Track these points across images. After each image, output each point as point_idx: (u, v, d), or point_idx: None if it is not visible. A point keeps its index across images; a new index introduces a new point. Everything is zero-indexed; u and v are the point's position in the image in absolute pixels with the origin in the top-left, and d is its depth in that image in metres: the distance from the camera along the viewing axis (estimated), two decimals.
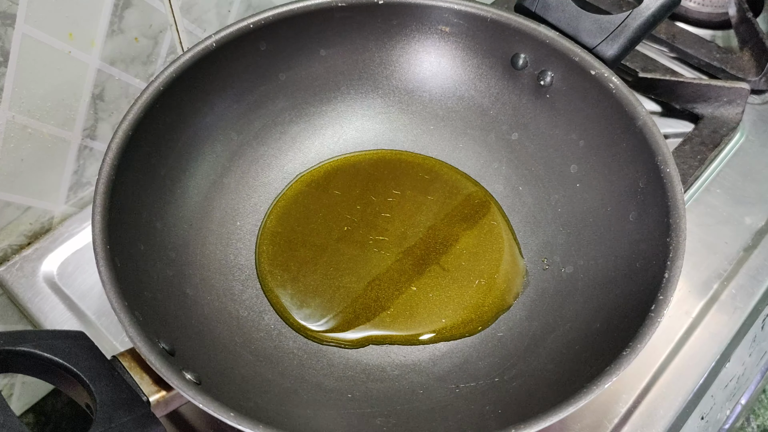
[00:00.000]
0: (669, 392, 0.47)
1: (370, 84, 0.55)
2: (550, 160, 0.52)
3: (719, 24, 0.69)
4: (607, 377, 0.35)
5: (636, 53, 0.64)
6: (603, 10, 0.67)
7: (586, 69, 0.47)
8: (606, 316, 0.42)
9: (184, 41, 0.56)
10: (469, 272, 0.50)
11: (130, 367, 0.35)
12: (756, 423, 0.79)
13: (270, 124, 0.54)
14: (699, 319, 0.50)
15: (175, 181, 0.48)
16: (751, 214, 0.55)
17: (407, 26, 0.53)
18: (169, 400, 0.35)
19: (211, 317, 0.45)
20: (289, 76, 0.53)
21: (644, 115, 0.45)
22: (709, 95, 0.60)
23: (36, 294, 0.51)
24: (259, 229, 0.51)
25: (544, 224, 0.51)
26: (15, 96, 0.47)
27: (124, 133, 0.42)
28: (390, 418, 0.42)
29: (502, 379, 0.43)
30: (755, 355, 0.59)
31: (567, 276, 0.48)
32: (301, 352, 0.46)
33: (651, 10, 0.48)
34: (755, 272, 0.52)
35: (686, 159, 0.57)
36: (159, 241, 0.45)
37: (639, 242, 0.43)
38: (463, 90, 0.55)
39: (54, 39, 0.47)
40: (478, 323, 0.48)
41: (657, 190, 0.42)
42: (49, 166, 0.53)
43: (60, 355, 0.34)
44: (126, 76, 0.54)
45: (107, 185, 0.40)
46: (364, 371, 0.46)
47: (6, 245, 0.53)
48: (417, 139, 0.56)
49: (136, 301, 0.38)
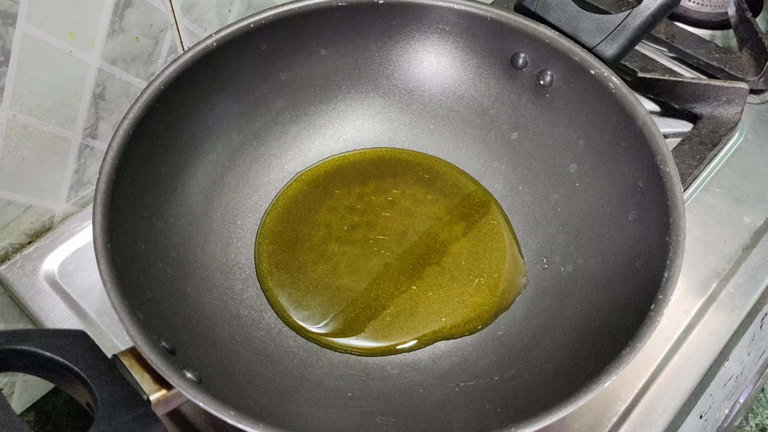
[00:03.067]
0: (667, 391, 0.47)
1: (370, 83, 0.55)
2: (549, 159, 0.52)
3: (718, 24, 0.69)
4: (607, 376, 0.35)
5: (635, 53, 0.64)
6: (603, 9, 0.67)
7: (585, 68, 0.48)
8: (605, 315, 0.42)
9: (185, 41, 0.56)
10: (469, 271, 0.50)
11: (130, 365, 0.35)
12: (755, 422, 0.79)
13: (270, 123, 0.54)
14: (698, 318, 0.50)
15: (176, 180, 0.48)
16: (750, 213, 0.56)
17: (407, 26, 0.53)
18: (170, 398, 0.35)
19: (211, 316, 0.45)
20: (290, 76, 0.53)
21: (644, 114, 0.45)
22: (708, 95, 0.60)
23: (37, 293, 0.51)
24: (258, 228, 0.52)
25: (543, 223, 0.51)
26: (16, 95, 0.47)
27: (124, 132, 0.42)
28: (390, 417, 0.42)
29: (501, 378, 0.43)
30: (754, 354, 0.59)
31: (566, 275, 0.48)
32: (302, 351, 0.46)
33: (650, 9, 0.48)
34: (754, 271, 0.52)
35: (685, 158, 0.57)
36: (160, 240, 0.45)
37: (638, 241, 0.43)
38: (463, 89, 0.55)
39: (55, 38, 0.47)
40: (477, 322, 0.48)
41: (656, 190, 0.42)
42: (50, 165, 0.53)
43: (61, 353, 0.34)
44: (127, 76, 0.54)
45: (108, 184, 0.40)
46: (364, 370, 0.46)
47: (7, 244, 0.53)
48: (417, 139, 0.56)
49: (137, 299, 0.38)
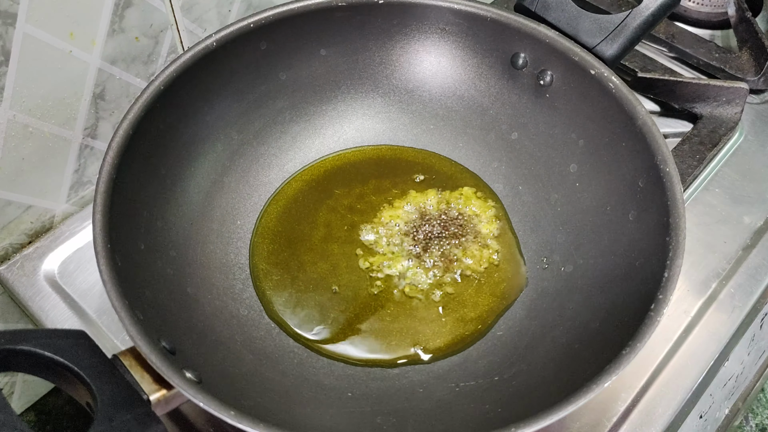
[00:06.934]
0: (668, 391, 0.47)
1: (370, 83, 0.55)
2: (549, 159, 0.52)
3: (718, 24, 0.69)
4: (607, 376, 0.35)
5: (635, 53, 0.64)
6: (602, 9, 0.67)
7: (585, 68, 0.48)
8: (605, 315, 0.42)
9: (185, 41, 0.56)
10: (470, 271, 0.50)
11: (130, 365, 0.35)
12: (754, 422, 0.79)
13: (270, 123, 0.54)
14: (698, 318, 0.50)
15: (176, 180, 0.48)
16: (750, 213, 0.56)
17: (407, 26, 0.53)
18: (170, 398, 0.35)
19: (211, 316, 0.45)
20: (290, 76, 0.53)
21: (644, 114, 0.45)
22: (708, 95, 0.60)
23: (37, 293, 0.51)
24: (254, 227, 0.52)
25: (543, 223, 0.51)
26: (16, 95, 0.47)
27: (124, 132, 0.42)
28: (390, 417, 0.42)
29: (501, 378, 0.43)
30: (754, 354, 0.59)
31: (566, 275, 0.48)
32: (302, 351, 0.46)
33: (650, 9, 0.48)
34: (754, 271, 0.52)
35: (685, 158, 0.57)
36: (160, 240, 0.45)
37: (638, 241, 0.43)
38: (463, 89, 0.55)
39: (55, 38, 0.47)
40: (478, 322, 0.48)
41: (656, 190, 0.42)
42: (50, 165, 0.53)
43: (61, 353, 0.34)
44: (127, 76, 0.54)
45: (108, 184, 0.40)
46: (363, 370, 0.46)
47: (7, 244, 0.53)
48: (417, 139, 0.56)
49: (137, 299, 0.38)
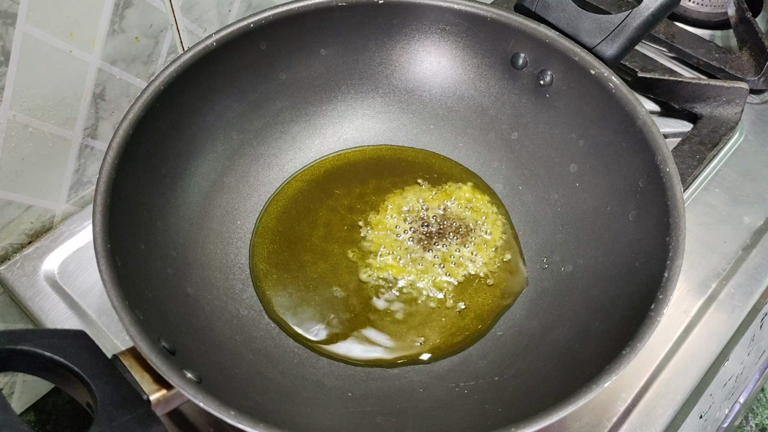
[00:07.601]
0: (667, 391, 0.47)
1: (370, 83, 0.55)
2: (549, 159, 0.52)
3: (718, 24, 0.69)
4: (607, 376, 0.35)
5: (635, 53, 0.64)
6: (603, 9, 0.67)
7: (585, 68, 0.48)
8: (605, 315, 0.42)
9: (185, 41, 0.56)
10: (469, 270, 0.50)
11: (130, 365, 0.35)
12: (754, 422, 0.79)
13: (270, 123, 0.54)
14: (698, 318, 0.50)
15: (176, 180, 0.48)
16: (750, 213, 0.56)
17: (407, 26, 0.53)
18: (170, 398, 0.35)
19: (211, 316, 0.45)
20: (290, 76, 0.53)
21: (644, 114, 0.45)
22: (708, 95, 0.60)
23: (37, 293, 0.51)
24: (253, 227, 0.52)
25: (543, 223, 0.51)
26: (16, 95, 0.47)
27: (124, 132, 0.42)
28: (390, 417, 0.42)
29: (501, 378, 0.43)
30: (754, 354, 0.59)
31: (566, 275, 0.48)
32: (302, 351, 0.46)
33: (650, 9, 0.48)
34: (754, 271, 0.52)
35: (685, 158, 0.57)
36: (160, 240, 0.45)
37: (638, 241, 0.43)
38: (463, 89, 0.55)
39: (55, 38, 0.47)
40: (477, 322, 0.48)
41: (656, 190, 0.42)
42: (50, 165, 0.53)
43: (61, 353, 0.34)
44: (127, 76, 0.54)
45: (108, 184, 0.40)
46: (364, 370, 0.46)
47: (7, 244, 0.53)
48: (417, 139, 0.56)
49: (137, 299, 0.38)
